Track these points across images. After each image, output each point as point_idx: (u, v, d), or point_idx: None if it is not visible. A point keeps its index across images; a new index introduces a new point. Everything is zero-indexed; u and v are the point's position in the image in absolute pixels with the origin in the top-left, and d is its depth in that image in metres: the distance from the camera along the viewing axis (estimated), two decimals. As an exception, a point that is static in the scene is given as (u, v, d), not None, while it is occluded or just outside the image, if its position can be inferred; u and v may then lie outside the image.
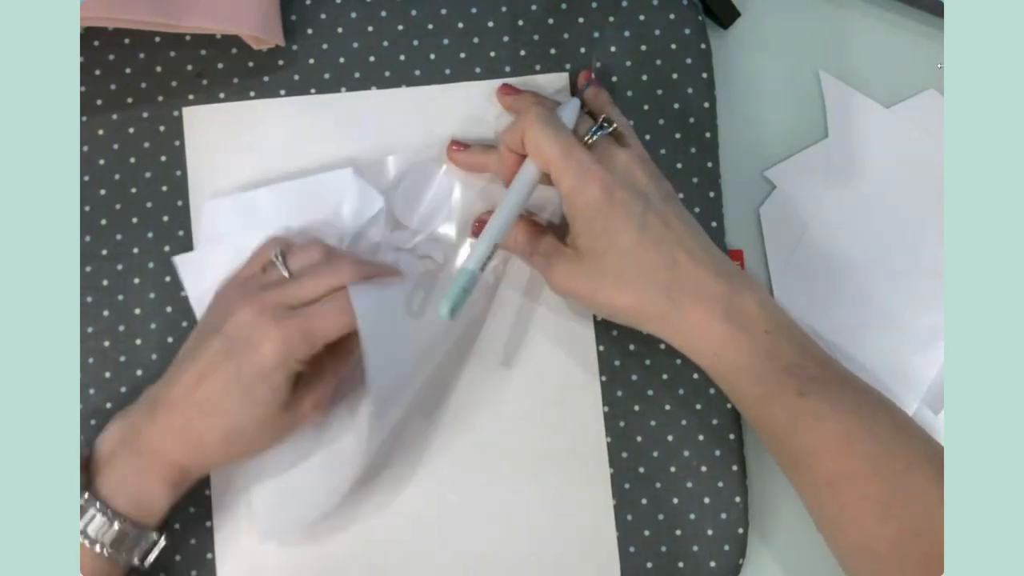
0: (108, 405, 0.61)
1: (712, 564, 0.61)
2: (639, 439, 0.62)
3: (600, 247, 0.55)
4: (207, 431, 0.54)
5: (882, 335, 0.64)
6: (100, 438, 0.55)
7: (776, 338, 0.54)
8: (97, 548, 0.51)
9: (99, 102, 0.63)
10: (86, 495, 0.51)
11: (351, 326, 0.54)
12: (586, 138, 0.57)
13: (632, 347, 0.62)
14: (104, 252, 0.62)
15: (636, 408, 0.62)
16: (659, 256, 0.54)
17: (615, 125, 0.58)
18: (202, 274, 0.61)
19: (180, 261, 0.62)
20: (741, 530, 0.62)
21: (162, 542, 0.55)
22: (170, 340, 0.62)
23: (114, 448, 0.54)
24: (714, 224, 0.63)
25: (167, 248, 0.62)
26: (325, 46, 0.63)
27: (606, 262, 0.55)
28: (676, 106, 0.64)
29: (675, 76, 0.64)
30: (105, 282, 0.62)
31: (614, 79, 0.64)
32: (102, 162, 0.62)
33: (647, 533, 0.61)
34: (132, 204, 0.62)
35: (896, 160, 0.66)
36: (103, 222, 0.62)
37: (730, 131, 0.65)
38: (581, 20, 0.64)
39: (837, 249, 0.65)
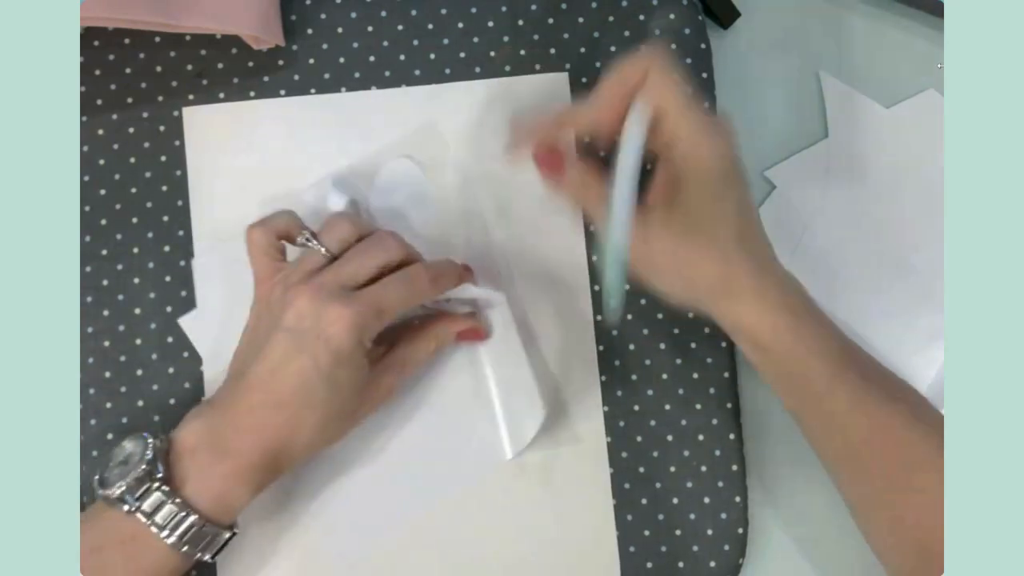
0: (108, 405, 0.61)
1: (712, 564, 0.61)
2: (639, 439, 0.62)
3: (708, 204, 0.52)
4: (295, 427, 0.53)
5: (882, 335, 0.64)
6: (178, 434, 0.53)
7: (835, 327, 0.54)
8: (173, 543, 0.51)
9: (99, 102, 0.63)
10: (167, 489, 0.51)
11: (419, 300, 0.55)
12: None
13: (632, 347, 0.62)
14: (104, 252, 0.62)
15: (636, 408, 0.62)
16: (757, 230, 0.54)
17: None
18: (208, 329, 0.61)
19: (185, 323, 0.62)
20: (741, 530, 0.62)
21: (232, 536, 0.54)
22: (170, 340, 0.62)
23: (195, 447, 0.52)
24: (714, 223, 0.63)
25: (167, 248, 0.62)
26: (325, 46, 0.64)
27: (712, 221, 0.52)
28: (676, 105, 0.64)
29: (674, 76, 0.64)
30: (105, 282, 0.62)
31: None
32: (102, 162, 0.62)
33: (647, 533, 0.61)
34: (132, 204, 0.62)
35: (896, 160, 0.65)
36: (103, 222, 0.62)
37: (730, 131, 0.65)
38: (581, 20, 0.64)
39: (837, 249, 0.65)
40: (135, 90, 0.63)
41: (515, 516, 0.61)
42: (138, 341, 0.62)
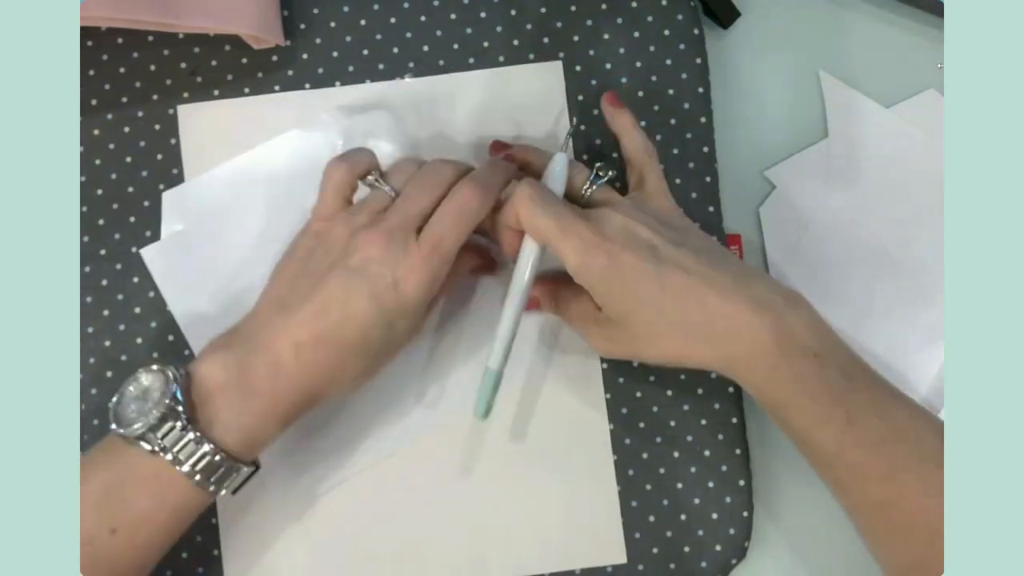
0: (110, 404, 0.61)
1: (718, 548, 0.62)
2: (641, 425, 0.62)
3: (627, 311, 0.54)
4: (341, 369, 0.52)
5: (882, 334, 0.64)
6: (201, 368, 0.51)
7: (825, 361, 0.52)
8: (199, 481, 0.50)
9: (94, 102, 0.62)
10: (193, 431, 0.49)
11: (476, 222, 0.54)
12: (584, 189, 0.57)
13: (631, 335, 0.63)
14: (103, 252, 0.62)
15: (638, 395, 0.62)
16: (688, 304, 0.52)
17: (611, 172, 0.58)
18: (171, 264, 0.61)
19: (147, 254, 0.62)
20: (746, 513, 0.62)
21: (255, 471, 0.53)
22: (171, 338, 0.62)
23: (223, 384, 0.51)
24: (711, 209, 0.64)
25: (165, 246, 0.62)
26: (318, 40, 0.63)
27: (638, 323, 0.54)
28: (671, 92, 0.64)
29: (669, 62, 0.64)
30: (104, 282, 0.62)
31: (608, 66, 0.64)
32: (98, 162, 0.62)
33: (652, 519, 0.62)
34: (129, 203, 0.62)
35: (896, 160, 0.66)
36: (101, 222, 0.62)
37: (730, 131, 0.65)
38: (573, 8, 0.64)
39: (837, 249, 0.65)
40: (130, 89, 0.63)
41: (520, 505, 0.62)
42: (139, 340, 0.61)
